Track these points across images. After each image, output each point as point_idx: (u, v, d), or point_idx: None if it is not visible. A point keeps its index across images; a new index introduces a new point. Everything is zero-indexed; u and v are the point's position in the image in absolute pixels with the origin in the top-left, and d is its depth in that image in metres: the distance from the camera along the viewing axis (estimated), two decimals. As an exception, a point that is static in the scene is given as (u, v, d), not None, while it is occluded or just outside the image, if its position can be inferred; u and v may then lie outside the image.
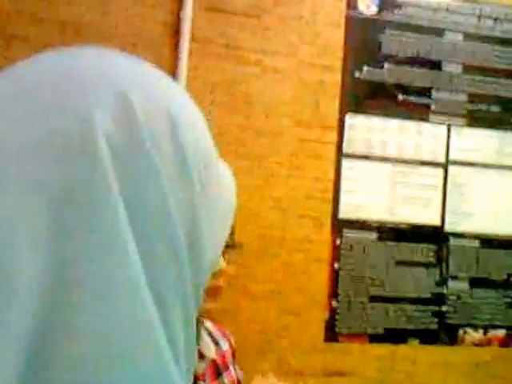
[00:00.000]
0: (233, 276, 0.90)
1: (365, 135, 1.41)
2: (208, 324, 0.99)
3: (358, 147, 1.41)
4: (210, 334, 0.99)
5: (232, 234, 0.92)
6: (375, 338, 1.41)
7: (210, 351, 0.94)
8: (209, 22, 1.30)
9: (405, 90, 1.44)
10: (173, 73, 1.27)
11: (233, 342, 1.07)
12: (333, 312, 1.39)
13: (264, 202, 1.36)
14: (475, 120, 1.48)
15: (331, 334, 1.39)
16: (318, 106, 1.39)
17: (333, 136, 1.40)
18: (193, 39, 1.28)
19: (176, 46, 1.26)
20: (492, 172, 1.49)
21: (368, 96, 1.42)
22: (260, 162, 1.35)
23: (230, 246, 0.90)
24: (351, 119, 1.40)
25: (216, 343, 0.99)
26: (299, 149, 1.38)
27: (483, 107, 1.49)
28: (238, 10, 1.32)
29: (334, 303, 1.38)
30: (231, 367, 1.02)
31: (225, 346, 1.02)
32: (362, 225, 1.41)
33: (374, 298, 1.41)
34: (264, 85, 1.35)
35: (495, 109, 1.49)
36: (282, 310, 1.36)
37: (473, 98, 1.48)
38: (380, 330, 1.42)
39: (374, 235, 1.41)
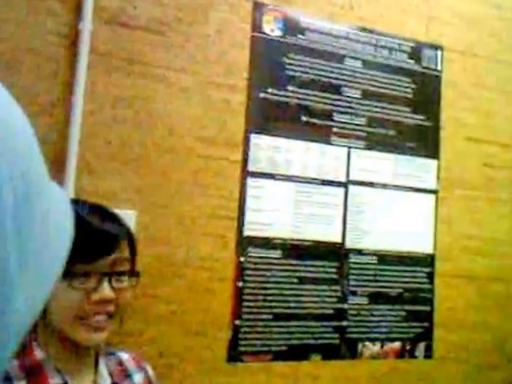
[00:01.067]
0: (129, 304, 0.83)
1: (270, 154, 1.42)
2: (124, 356, 0.93)
3: (263, 166, 1.41)
4: (122, 365, 0.92)
5: (132, 261, 0.85)
6: (279, 356, 1.41)
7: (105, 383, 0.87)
8: (110, 35, 1.25)
9: (308, 111, 1.46)
10: (70, 86, 1.21)
11: (151, 374, 1.01)
12: (236, 331, 1.36)
13: (167, 220, 1.31)
14: (373, 143, 1.54)
15: (234, 353, 1.36)
16: (224, 125, 1.38)
17: (238, 154, 1.39)
18: (92, 52, 1.22)
19: (73, 59, 1.20)
20: (388, 192, 1.55)
21: (273, 116, 1.43)
22: (163, 179, 1.31)
23: (128, 273, 0.84)
24: (256, 138, 1.40)
25: (128, 375, 0.92)
26: (204, 166, 1.35)
27: (381, 131, 1.55)
28: (142, 25, 1.28)
29: (238, 322, 1.36)
30: None
31: (138, 378, 0.96)
32: (266, 243, 1.41)
33: (277, 316, 1.40)
34: (168, 102, 1.32)
35: (391, 133, 1.56)
36: (185, 331, 1.32)
37: (371, 122, 1.54)
38: (283, 348, 1.41)
39: (278, 253, 1.41)
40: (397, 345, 1.54)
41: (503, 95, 1.71)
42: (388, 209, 1.55)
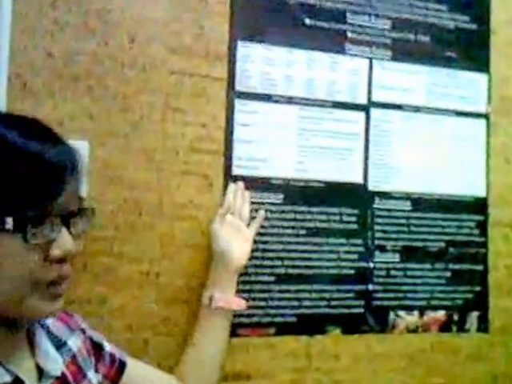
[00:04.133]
0: (76, 255, 0.72)
1: (264, 69, 1.29)
2: (48, 321, 0.82)
3: (256, 84, 1.29)
4: (52, 335, 0.82)
5: (80, 197, 0.74)
6: (285, 329, 1.29)
7: (55, 365, 0.77)
8: None
9: (313, 12, 1.33)
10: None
11: (85, 326, 0.93)
12: (229, 297, 1.25)
13: (132, 155, 1.20)
14: (401, 52, 1.40)
15: (228, 325, 1.25)
16: (202, 31, 1.25)
17: (222, 70, 1.27)
18: None
19: None
20: (423, 116, 1.41)
21: (266, 19, 1.30)
22: (124, 102, 1.20)
23: (78, 214, 0.73)
24: (245, 48, 1.28)
25: (62, 344, 0.82)
26: (178, 85, 1.23)
27: (410, 36, 1.41)
28: None
29: (230, 286, 1.25)
30: (89, 371, 0.87)
31: (74, 342, 0.86)
32: (263, 184, 1.28)
33: (281, 278, 1.29)
34: (127, 0, 1.20)
35: (425, 39, 1.42)
36: (160, 297, 1.21)
37: (397, 24, 1.40)
38: (290, 319, 1.30)
39: (278, 197, 1.29)
40: (440, 314, 1.42)
41: None
42: (424, 139, 1.41)
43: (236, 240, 1.18)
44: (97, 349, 0.92)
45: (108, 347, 0.96)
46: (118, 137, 1.19)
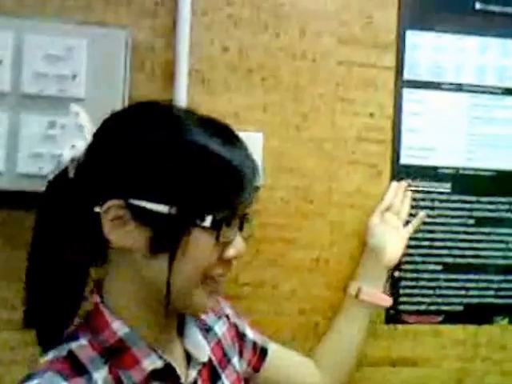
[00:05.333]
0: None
1: (432, 57, 1.28)
2: None
3: (424, 73, 1.28)
4: (199, 320, 0.87)
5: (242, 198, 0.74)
6: (451, 318, 1.29)
7: (203, 352, 0.81)
8: None
9: (484, -5, 1.29)
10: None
11: (231, 312, 0.98)
12: (396, 285, 1.27)
13: (303, 145, 1.24)
14: None
15: (395, 313, 1.27)
16: (370, 20, 1.26)
17: (390, 59, 1.27)
18: None
19: None
20: None
21: (435, 6, 1.28)
22: (296, 93, 1.24)
23: (247, 219, 0.76)
24: (414, 36, 1.27)
25: (208, 330, 0.88)
26: (346, 75, 1.25)
27: None
28: None
29: (397, 274, 1.26)
30: (234, 357, 0.92)
31: (219, 328, 0.91)
32: (431, 173, 1.28)
33: (448, 267, 1.29)
34: (299, -6, 1.24)
35: None
36: (329, 283, 1.25)
37: None
38: (457, 308, 1.29)
39: (447, 186, 1.28)
40: None
41: None
42: None
43: (391, 238, 1.18)
44: (240, 336, 0.98)
45: (251, 335, 1.01)
46: (290, 127, 1.24)
